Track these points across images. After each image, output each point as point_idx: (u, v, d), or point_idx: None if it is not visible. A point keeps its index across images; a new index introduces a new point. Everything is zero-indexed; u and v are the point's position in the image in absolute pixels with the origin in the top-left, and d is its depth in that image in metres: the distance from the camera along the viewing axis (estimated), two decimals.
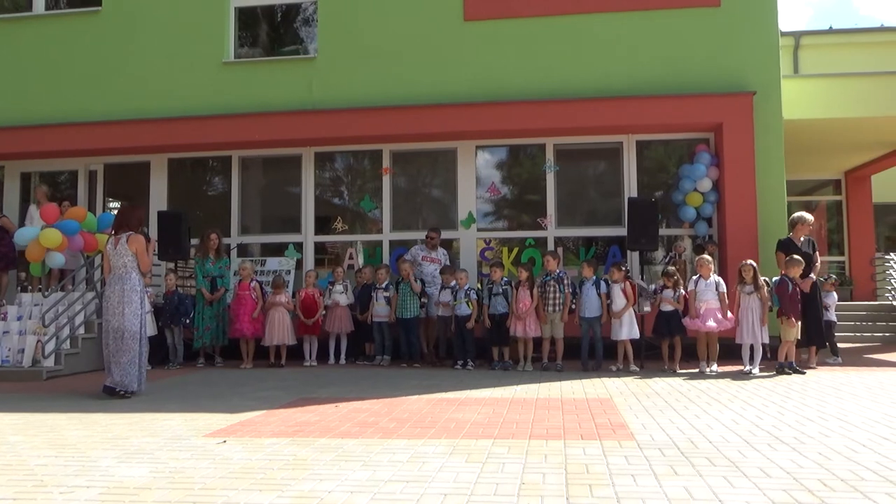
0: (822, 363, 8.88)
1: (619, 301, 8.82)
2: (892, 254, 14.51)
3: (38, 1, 12.27)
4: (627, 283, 8.95)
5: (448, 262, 10.23)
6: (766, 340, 8.37)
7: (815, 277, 8.77)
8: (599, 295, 8.92)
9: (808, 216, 9.20)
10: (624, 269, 9.14)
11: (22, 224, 10.71)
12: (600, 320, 8.93)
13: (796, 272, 8.31)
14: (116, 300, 7.01)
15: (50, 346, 8.89)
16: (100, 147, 11.44)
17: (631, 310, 8.83)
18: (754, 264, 8.43)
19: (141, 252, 7.11)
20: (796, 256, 8.49)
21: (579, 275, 9.38)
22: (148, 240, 7.47)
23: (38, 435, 5.10)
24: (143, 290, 7.38)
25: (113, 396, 6.91)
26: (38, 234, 9.34)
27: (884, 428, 4.94)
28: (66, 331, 9.23)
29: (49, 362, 8.82)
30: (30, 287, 10.49)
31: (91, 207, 11.57)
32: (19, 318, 9.36)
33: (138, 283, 7.12)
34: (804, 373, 8.05)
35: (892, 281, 13.97)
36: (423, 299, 9.67)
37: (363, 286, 10.10)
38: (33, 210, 10.70)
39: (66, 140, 11.45)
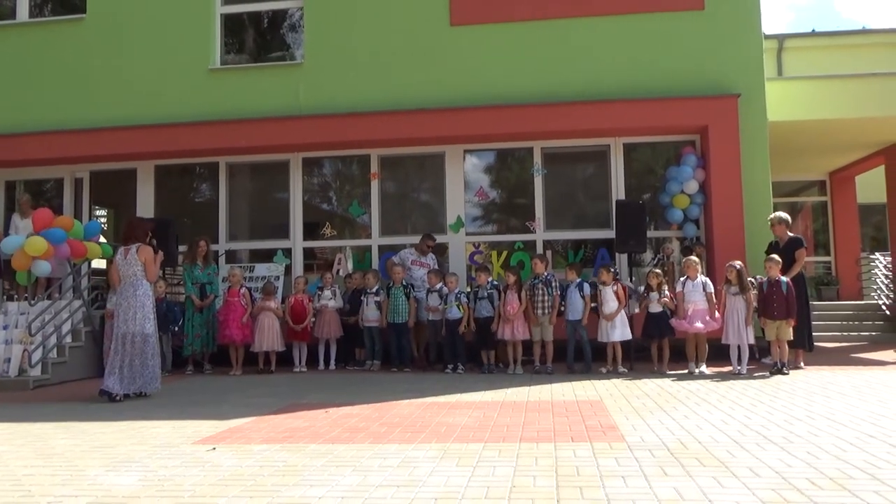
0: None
1: (611, 303, 8.82)
2: (877, 253, 14.65)
3: (22, 8, 12.18)
4: (619, 284, 8.98)
5: (436, 266, 10.23)
6: (752, 341, 8.41)
7: (789, 275, 8.61)
8: (583, 297, 8.95)
9: (774, 216, 9.21)
10: (612, 270, 9.17)
11: (6, 233, 10.61)
12: (582, 322, 8.95)
13: (772, 272, 8.35)
14: (128, 306, 7.32)
15: (37, 355, 8.81)
16: (85, 154, 11.37)
17: (623, 311, 8.85)
18: (738, 266, 8.46)
19: (149, 262, 7.48)
20: (772, 256, 8.54)
21: (567, 278, 9.40)
22: (156, 251, 7.68)
23: (25, 444, 5.06)
24: (154, 296, 7.71)
25: (112, 400, 7.07)
26: (24, 242, 9.27)
27: (871, 426, 4.98)
28: (53, 339, 9.15)
29: (36, 371, 8.74)
30: (16, 296, 10.39)
31: (77, 215, 11.46)
32: (5, 328, 9.26)
33: (150, 289, 7.52)
34: (787, 373, 8.09)
35: (878, 280, 14.09)
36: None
37: (353, 291, 10.09)
38: (17, 219, 10.59)
39: (52, 148, 11.37)
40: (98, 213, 12.38)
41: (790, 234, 9.11)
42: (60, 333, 9.29)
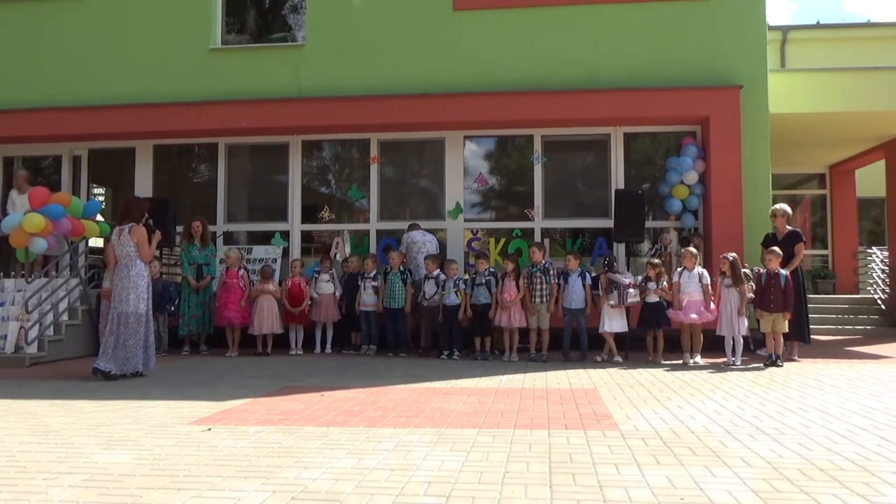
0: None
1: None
2: (874, 248, 14.67)
3: None
4: (603, 276, 8.99)
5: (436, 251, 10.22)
6: (745, 332, 8.43)
7: (789, 269, 8.63)
8: (585, 286, 8.96)
9: (778, 207, 9.22)
10: (607, 259, 9.16)
11: (3, 209, 10.58)
12: (584, 312, 8.97)
13: (772, 264, 8.36)
14: (123, 286, 7.35)
15: (33, 333, 8.82)
16: (84, 132, 11.32)
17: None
18: (731, 257, 8.47)
19: (142, 242, 7.45)
20: (774, 248, 8.54)
21: (565, 266, 9.40)
22: (152, 231, 7.64)
23: (21, 421, 5.08)
24: (149, 276, 7.67)
25: (107, 379, 7.10)
26: (22, 219, 9.24)
27: (862, 419, 5.01)
28: (50, 317, 9.16)
29: (32, 349, 8.76)
30: (13, 273, 10.38)
31: (75, 193, 11.42)
32: (2, 305, 9.26)
33: (144, 270, 7.50)
34: (781, 365, 8.12)
35: (874, 275, 14.12)
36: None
37: (350, 275, 10.09)
38: (14, 195, 10.54)
39: (50, 125, 11.32)
40: (96, 191, 12.34)
41: (789, 228, 9.12)
42: (57, 311, 9.29)
